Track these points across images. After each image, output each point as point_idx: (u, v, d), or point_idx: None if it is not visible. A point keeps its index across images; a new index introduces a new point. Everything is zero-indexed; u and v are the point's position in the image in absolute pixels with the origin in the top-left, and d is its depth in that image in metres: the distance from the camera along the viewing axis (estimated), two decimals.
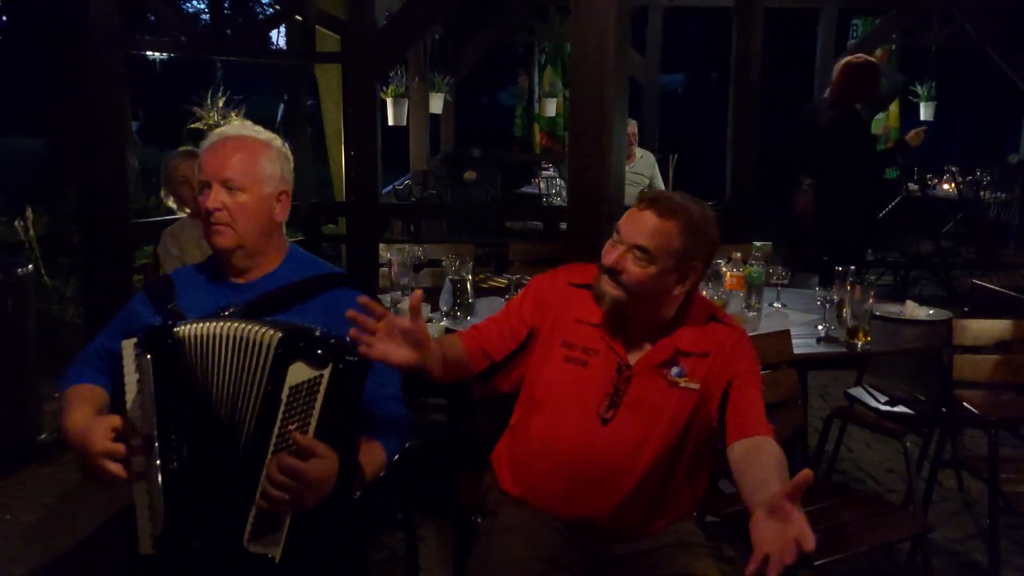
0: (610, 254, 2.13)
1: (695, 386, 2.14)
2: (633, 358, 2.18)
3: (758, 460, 1.98)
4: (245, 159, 2.15)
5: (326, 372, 1.83)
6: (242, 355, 1.88)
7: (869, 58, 5.21)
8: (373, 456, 2.04)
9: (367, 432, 2.08)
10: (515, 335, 2.26)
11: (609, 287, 2.14)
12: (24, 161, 10.58)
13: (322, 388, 1.83)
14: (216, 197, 2.11)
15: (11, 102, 20.15)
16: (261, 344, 1.86)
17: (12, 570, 3.27)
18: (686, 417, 2.14)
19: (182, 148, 3.82)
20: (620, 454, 2.12)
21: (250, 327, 1.89)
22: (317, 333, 1.88)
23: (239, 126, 2.25)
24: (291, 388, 1.83)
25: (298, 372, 1.83)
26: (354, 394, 1.92)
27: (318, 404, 1.83)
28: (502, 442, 2.33)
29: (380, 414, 2.12)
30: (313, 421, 1.84)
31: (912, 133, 5.27)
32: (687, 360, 2.17)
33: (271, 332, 1.86)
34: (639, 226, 2.10)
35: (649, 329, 2.20)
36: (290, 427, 1.83)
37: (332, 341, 1.87)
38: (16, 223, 5.68)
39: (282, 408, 1.83)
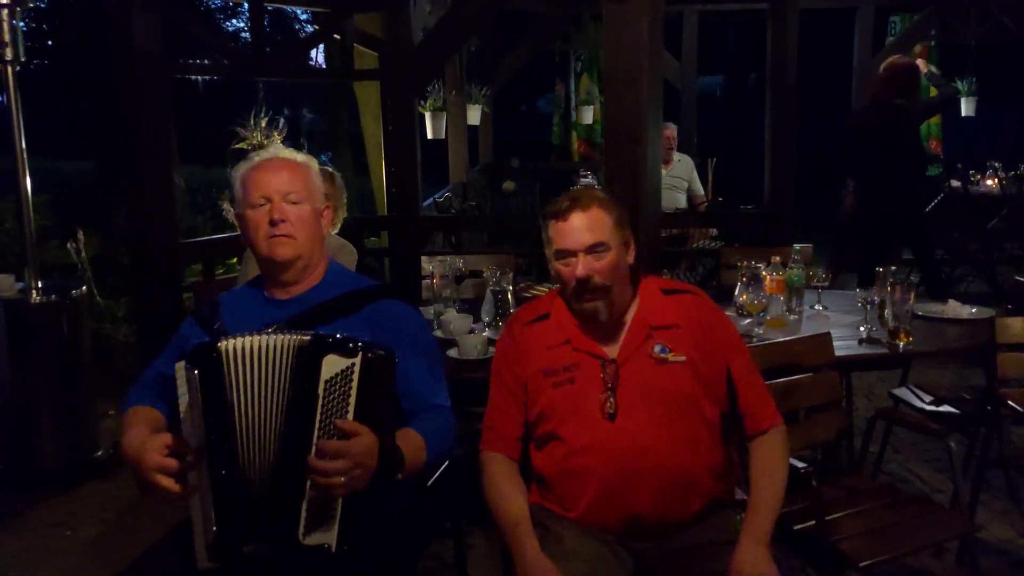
0: (572, 270, 2.23)
1: (682, 358, 2.23)
2: (612, 352, 2.25)
3: (754, 476, 2.24)
4: (299, 174, 2.26)
5: (357, 360, 1.91)
6: (280, 360, 1.97)
7: (910, 59, 5.56)
8: (412, 443, 2.09)
9: (411, 427, 2.14)
10: (518, 399, 2.32)
11: (593, 302, 2.23)
12: (73, 183, 10.80)
13: (356, 376, 1.92)
14: (282, 209, 2.20)
15: (58, 124, 20.59)
16: (295, 346, 1.96)
17: None
18: (687, 390, 2.21)
19: None
20: (636, 443, 2.16)
21: (284, 336, 1.99)
22: (342, 335, 1.98)
23: (279, 148, 2.36)
24: (327, 381, 1.92)
25: (332, 364, 1.92)
26: (386, 381, 2.00)
27: (353, 391, 1.92)
28: (532, 481, 2.37)
29: (426, 419, 2.18)
30: (351, 409, 1.92)
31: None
32: (662, 334, 2.26)
33: (302, 336, 1.98)
34: (578, 231, 2.23)
35: (615, 318, 2.27)
36: (331, 416, 1.92)
37: (357, 338, 1.96)
38: (69, 245, 5.84)
39: (321, 401, 1.92)
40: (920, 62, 6.20)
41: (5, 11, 4.04)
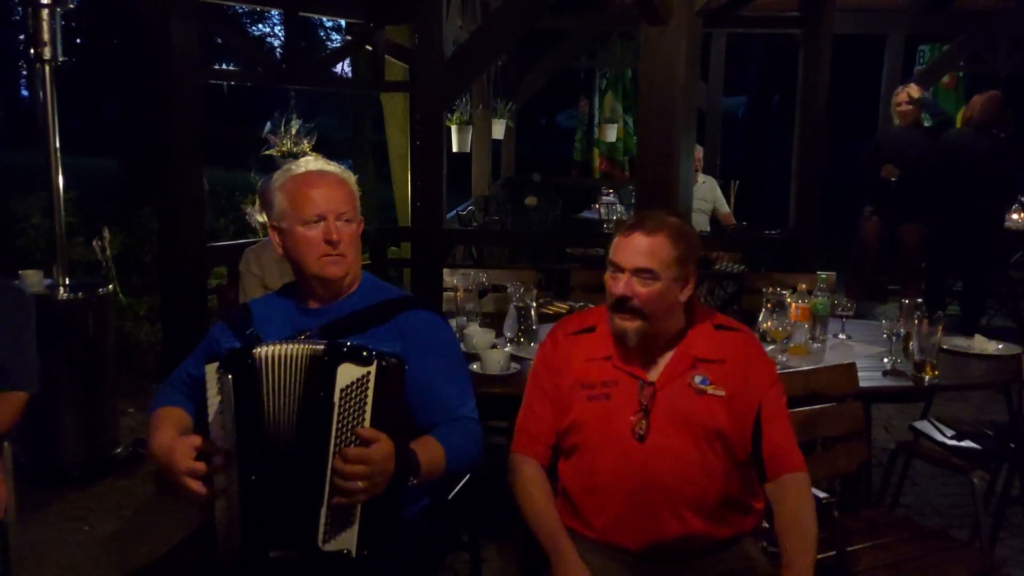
0: (616, 285, 2.22)
1: (721, 393, 2.22)
2: (653, 375, 2.25)
3: (782, 518, 2.21)
4: (349, 192, 2.28)
5: (372, 368, 1.95)
6: (299, 369, 2.01)
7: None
8: (429, 449, 2.10)
9: (432, 436, 2.15)
10: (554, 405, 2.32)
11: (626, 322, 2.22)
12: (97, 181, 10.88)
13: (371, 384, 1.95)
14: (338, 229, 2.21)
15: (83, 122, 20.76)
16: (311, 356, 2.00)
17: None
18: (720, 424, 2.20)
19: None
20: (664, 467, 2.17)
21: (304, 344, 2.03)
22: (355, 343, 2.01)
23: (319, 160, 2.35)
24: (342, 390, 1.95)
25: (347, 373, 1.95)
26: (399, 388, 2.04)
27: (369, 399, 1.96)
28: (557, 491, 2.37)
29: (451, 428, 2.19)
30: (367, 416, 1.96)
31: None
32: (707, 367, 2.25)
33: (316, 345, 2.02)
34: (633, 251, 2.21)
35: (662, 344, 2.27)
36: (348, 424, 1.95)
37: (371, 347, 1.99)
38: (94, 243, 5.88)
39: (337, 409, 1.95)
40: (912, 87, 6.35)
41: (45, 11, 4.08)
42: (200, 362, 2.20)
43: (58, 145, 4.22)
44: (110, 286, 4.49)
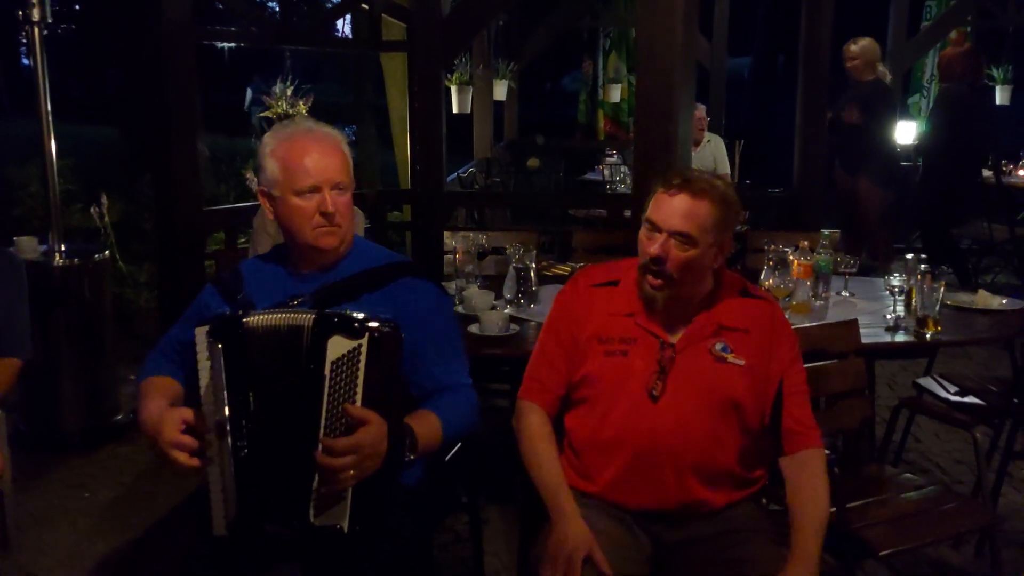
0: (651, 244, 2.16)
1: (741, 362, 2.18)
2: (674, 337, 2.21)
3: (797, 496, 2.16)
4: (344, 159, 2.21)
5: (364, 341, 1.90)
6: (290, 340, 1.97)
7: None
8: (427, 425, 2.08)
9: (427, 408, 2.13)
10: (568, 355, 2.28)
11: (655, 288, 2.17)
12: (97, 149, 10.83)
13: (363, 357, 1.90)
14: (334, 200, 2.16)
15: (84, 91, 20.66)
16: (301, 326, 1.95)
17: (94, 546, 3.40)
18: (737, 394, 2.17)
19: None
20: (674, 429, 2.14)
21: (294, 313, 1.99)
22: (348, 312, 1.96)
23: (310, 121, 2.30)
24: (333, 363, 1.90)
25: (338, 346, 1.91)
26: (393, 360, 1.99)
27: (361, 374, 1.90)
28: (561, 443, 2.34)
29: (445, 397, 2.17)
30: (359, 391, 1.91)
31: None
32: (730, 335, 2.21)
33: (306, 314, 1.97)
34: (674, 212, 2.13)
35: (687, 307, 2.23)
36: (339, 400, 1.90)
37: (364, 315, 1.94)
38: (92, 210, 5.85)
39: (327, 383, 1.91)
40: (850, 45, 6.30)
41: None
42: (189, 327, 2.15)
43: (49, 108, 4.16)
44: (106, 252, 4.45)
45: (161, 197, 4.38)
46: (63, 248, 4.29)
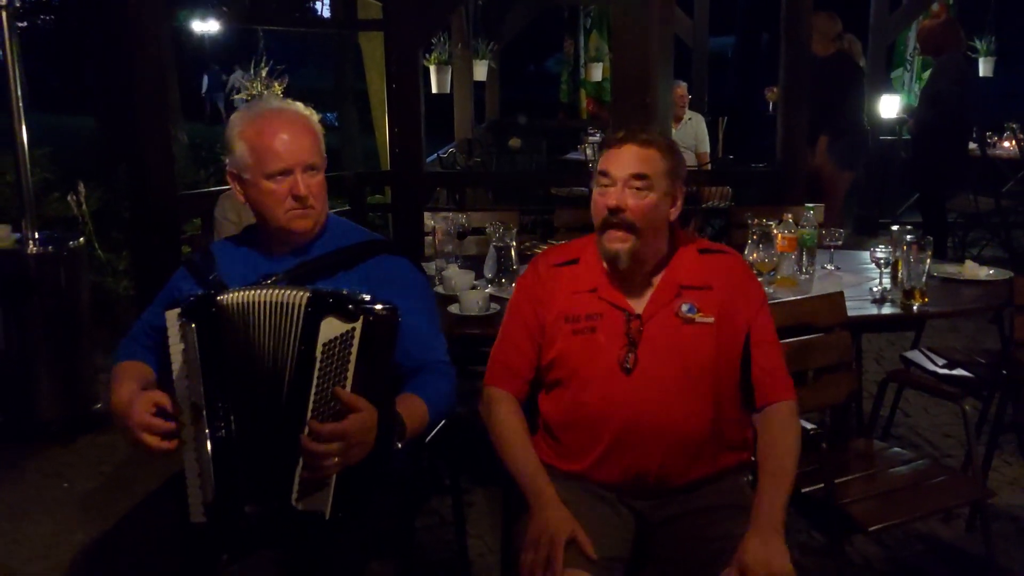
0: (607, 197, 2.14)
1: (710, 319, 2.14)
2: (639, 307, 2.17)
3: (761, 454, 2.13)
4: (315, 139, 2.15)
5: (358, 325, 1.83)
6: (277, 318, 1.90)
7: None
8: (414, 410, 2.04)
9: (411, 391, 2.08)
10: (534, 339, 2.24)
11: (617, 242, 2.14)
12: (77, 139, 10.73)
13: (355, 341, 1.83)
14: (305, 183, 2.11)
15: (65, 81, 20.51)
16: (292, 305, 1.89)
17: (72, 536, 3.34)
18: (710, 353, 2.13)
19: None
20: (650, 400, 2.10)
21: (281, 290, 1.92)
22: (345, 292, 1.90)
23: (279, 99, 2.24)
24: (324, 344, 1.84)
25: (330, 327, 1.84)
26: (387, 346, 1.93)
27: (353, 358, 1.84)
28: (537, 427, 2.30)
29: (426, 377, 2.12)
30: (349, 375, 1.85)
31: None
32: (693, 294, 2.17)
33: (300, 292, 1.89)
34: (627, 159, 2.13)
35: (647, 272, 2.19)
36: (328, 384, 1.84)
37: (360, 296, 1.88)
38: (69, 198, 5.77)
39: (318, 365, 1.84)
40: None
41: None
42: (162, 311, 2.09)
43: (20, 94, 4.07)
44: (81, 239, 4.37)
45: (134, 182, 4.31)
46: (37, 236, 4.21)
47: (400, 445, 1.98)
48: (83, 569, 3.09)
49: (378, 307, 1.86)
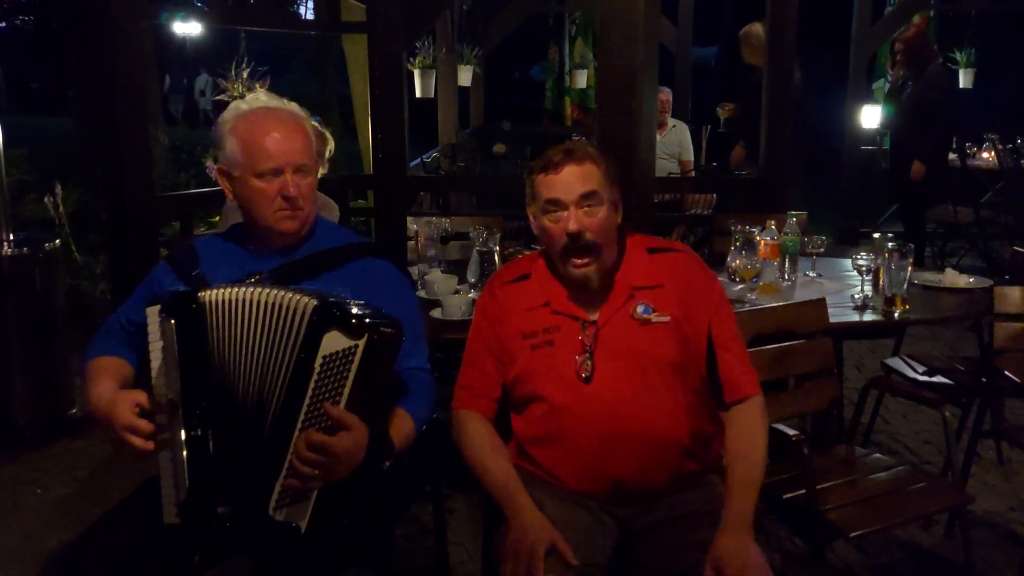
0: (564, 223, 2.11)
1: (666, 318, 2.13)
2: (593, 314, 2.16)
3: (728, 454, 2.14)
4: (306, 139, 2.12)
5: (361, 343, 1.79)
6: (273, 321, 1.86)
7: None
8: (402, 427, 2.01)
9: (395, 402, 2.05)
10: (497, 359, 2.23)
11: (584, 266, 2.12)
12: (56, 140, 10.65)
13: (356, 359, 1.79)
14: (295, 183, 2.07)
15: (45, 82, 20.37)
16: (295, 311, 1.84)
17: (45, 543, 3.29)
18: (670, 352, 2.12)
19: None
20: (613, 406, 2.08)
21: (283, 293, 1.87)
22: (351, 302, 1.85)
23: (272, 97, 2.19)
24: (324, 357, 1.80)
25: (333, 341, 1.80)
26: (388, 366, 1.89)
27: (351, 375, 1.80)
28: (511, 444, 2.28)
29: (408, 385, 2.10)
30: (345, 392, 1.81)
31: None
32: (646, 294, 2.16)
33: (306, 299, 1.84)
34: (571, 181, 2.11)
35: (598, 279, 2.17)
36: (321, 397, 1.80)
37: (368, 311, 1.83)
38: (46, 199, 5.72)
39: (314, 377, 1.80)
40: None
41: None
42: (140, 306, 2.07)
43: None
44: (57, 241, 4.32)
45: (111, 184, 4.24)
46: (11, 238, 4.16)
47: (388, 464, 1.96)
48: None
49: (383, 325, 1.82)
